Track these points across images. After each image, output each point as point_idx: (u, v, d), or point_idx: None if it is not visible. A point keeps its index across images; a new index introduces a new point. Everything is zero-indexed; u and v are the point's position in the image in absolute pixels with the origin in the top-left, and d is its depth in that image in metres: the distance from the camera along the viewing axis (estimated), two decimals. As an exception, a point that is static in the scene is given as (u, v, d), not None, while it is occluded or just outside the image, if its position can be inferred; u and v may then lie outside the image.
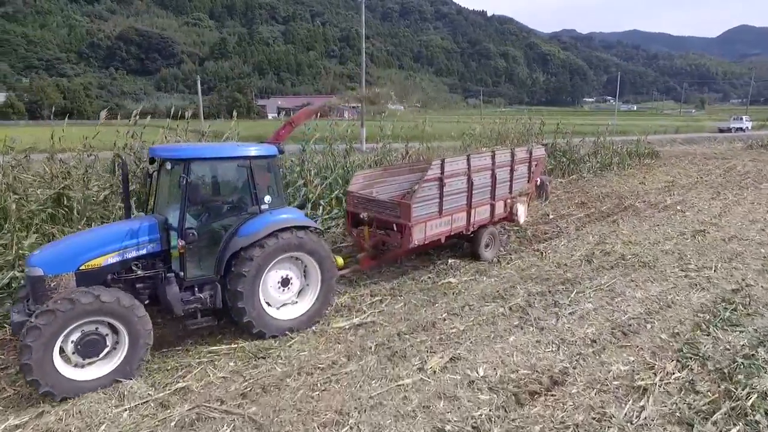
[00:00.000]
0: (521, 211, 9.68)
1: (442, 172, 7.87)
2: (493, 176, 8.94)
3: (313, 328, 6.28)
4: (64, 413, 4.45)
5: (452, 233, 8.38)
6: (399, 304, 7.16)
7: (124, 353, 4.88)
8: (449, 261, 9.00)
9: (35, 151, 9.89)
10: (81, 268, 4.93)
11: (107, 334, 4.85)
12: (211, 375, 5.17)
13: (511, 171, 9.39)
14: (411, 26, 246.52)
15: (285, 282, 6.10)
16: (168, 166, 5.53)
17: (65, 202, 8.41)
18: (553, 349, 5.78)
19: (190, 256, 5.45)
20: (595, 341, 5.96)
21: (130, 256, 5.22)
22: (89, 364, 4.81)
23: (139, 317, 4.88)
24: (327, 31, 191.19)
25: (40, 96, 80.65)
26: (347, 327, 6.38)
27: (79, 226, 7.80)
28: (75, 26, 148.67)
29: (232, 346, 5.80)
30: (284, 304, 6.21)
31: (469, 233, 8.81)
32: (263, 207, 5.81)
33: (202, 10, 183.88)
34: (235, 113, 13.41)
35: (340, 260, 7.23)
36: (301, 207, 6.92)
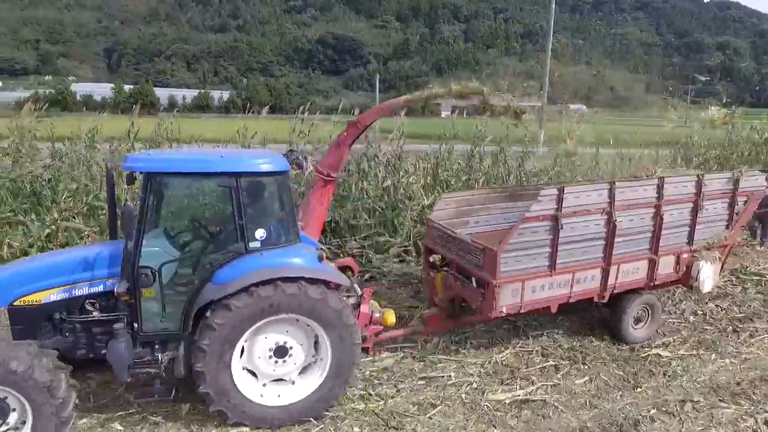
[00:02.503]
0: (708, 273, 6.08)
1: (559, 207, 5.14)
2: (658, 216, 5.72)
3: (463, 396, 4.87)
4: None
5: (572, 299, 5.57)
6: (582, 377, 5.28)
7: (30, 421, 3.63)
8: (655, 318, 6.65)
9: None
10: (15, 303, 3.97)
11: (14, 409, 3.65)
12: (329, 443, 4.18)
13: (695, 210, 6.00)
14: (605, 18, 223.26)
15: (281, 351, 4.30)
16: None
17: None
18: None
19: (148, 301, 4.09)
20: None
21: (80, 293, 4.06)
22: None
23: (53, 399, 3.59)
24: (509, 27, 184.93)
25: (253, 94, 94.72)
26: (507, 402, 4.80)
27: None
28: (285, 33, 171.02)
29: (357, 407, 4.67)
30: (278, 380, 4.41)
31: (604, 300, 5.77)
32: (253, 245, 4.14)
33: (390, 13, 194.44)
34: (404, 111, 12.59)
35: (390, 316, 5.14)
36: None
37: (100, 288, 4.09)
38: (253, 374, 4.32)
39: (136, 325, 4.06)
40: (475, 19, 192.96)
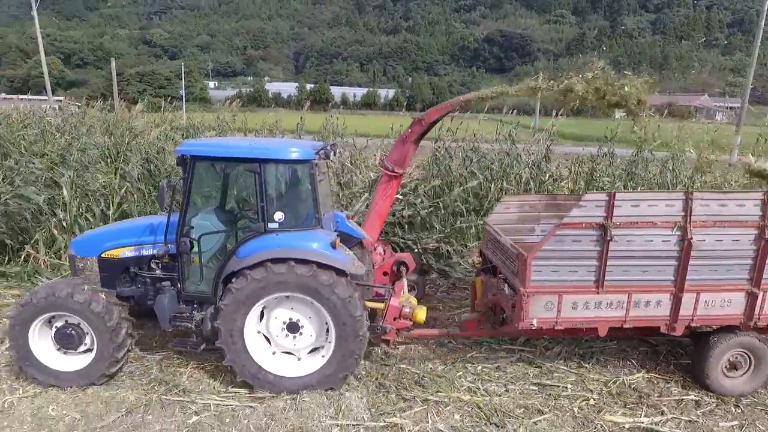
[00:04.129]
0: None
1: (609, 215, 4.44)
2: (762, 240, 4.51)
3: (576, 409, 4.62)
4: (290, 402, 4.54)
5: (628, 325, 4.72)
6: (729, 421, 4.56)
7: (94, 352, 4.66)
8: None
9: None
10: (102, 255, 4.95)
11: (86, 343, 4.68)
12: (429, 423, 4.39)
13: None
14: None
15: (292, 327, 4.69)
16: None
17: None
18: None
19: (189, 266, 4.80)
20: None
21: (146, 253, 4.93)
22: (70, 354, 4.75)
23: (95, 313, 4.50)
24: (712, 16, 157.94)
25: (416, 92, 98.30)
26: (627, 427, 4.41)
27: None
28: (452, 32, 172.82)
29: (462, 397, 4.77)
30: (289, 353, 4.82)
31: (676, 333, 4.75)
32: (271, 225, 4.54)
33: (565, 7, 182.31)
34: (562, 110, 11.93)
35: (421, 313, 5.08)
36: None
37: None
38: (268, 341, 4.78)
39: (179, 285, 4.85)
40: (668, 8, 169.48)
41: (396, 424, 4.32)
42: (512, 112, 12.52)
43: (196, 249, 4.74)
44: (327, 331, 4.63)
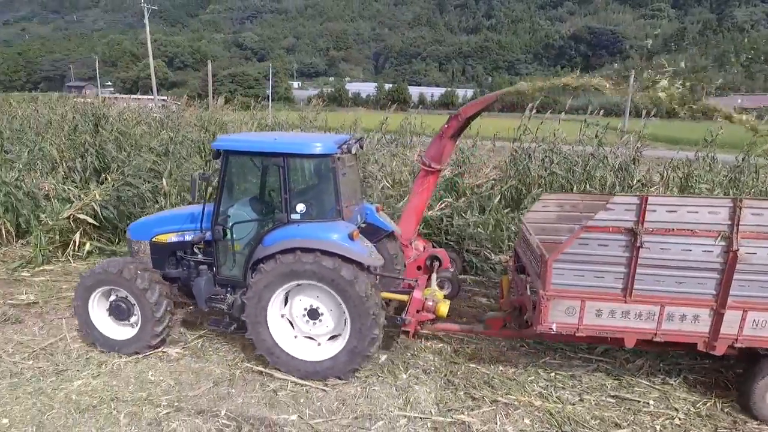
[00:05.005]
0: None
1: (641, 221, 4.11)
2: None
3: (658, 427, 4.33)
4: (361, 390, 4.71)
5: (659, 338, 4.31)
6: (844, 459, 4.05)
7: (139, 325, 5.13)
8: None
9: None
10: (153, 239, 5.44)
11: (135, 314, 5.16)
12: (498, 423, 4.33)
13: None
14: None
15: (313, 314, 4.87)
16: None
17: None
18: None
19: (223, 252, 5.13)
20: None
21: (188, 239, 5.28)
22: (123, 325, 5.25)
23: (140, 289, 4.92)
24: None
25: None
26: (717, 452, 4.07)
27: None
28: (537, 30, 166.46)
29: (534, 402, 4.65)
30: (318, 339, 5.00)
31: (715, 352, 4.27)
32: (293, 216, 4.74)
33: (664, 0, 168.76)
34: (649, 112, 11.13)
35: (443, 307, 5.10)
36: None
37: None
38: (313, 340, 5.01)
39: (215, 269, 5.20)
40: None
41: (463, 422, 4.33)
42: (598, 113, 11.90)
43: (229, 236, 5.08)
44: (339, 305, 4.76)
